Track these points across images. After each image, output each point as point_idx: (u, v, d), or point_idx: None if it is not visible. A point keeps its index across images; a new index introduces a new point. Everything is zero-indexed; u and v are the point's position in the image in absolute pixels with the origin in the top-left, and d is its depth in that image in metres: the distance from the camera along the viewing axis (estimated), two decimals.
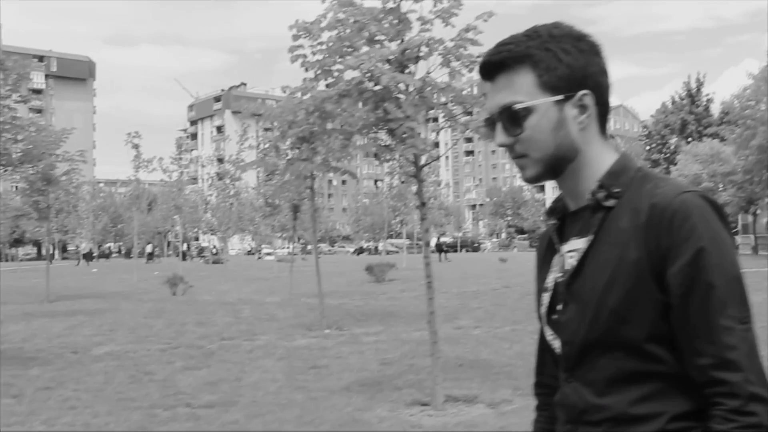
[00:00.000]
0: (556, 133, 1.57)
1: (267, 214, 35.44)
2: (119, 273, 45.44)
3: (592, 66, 1.59)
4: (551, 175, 1.63)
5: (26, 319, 17.98)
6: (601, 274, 1.53)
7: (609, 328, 1.51)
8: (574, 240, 1.63)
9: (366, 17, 7.35)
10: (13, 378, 10.19)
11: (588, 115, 1.58)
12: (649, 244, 1.47)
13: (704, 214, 1.47)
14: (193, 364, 11.03)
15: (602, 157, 1.62)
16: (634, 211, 1.51)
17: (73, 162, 24.06)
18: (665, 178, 1.57)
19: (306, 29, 14.34)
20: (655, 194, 1.50)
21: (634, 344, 1.49)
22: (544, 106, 1.56)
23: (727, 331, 1.42)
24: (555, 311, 1.66)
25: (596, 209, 1.58)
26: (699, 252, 1.44)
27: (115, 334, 14.78)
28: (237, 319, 17.07)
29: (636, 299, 1.48)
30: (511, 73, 1.58)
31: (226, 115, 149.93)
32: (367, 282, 28.63)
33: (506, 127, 1.59)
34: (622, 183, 1.57)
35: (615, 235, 1.53)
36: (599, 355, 1.54)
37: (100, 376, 10.20)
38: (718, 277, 1.44)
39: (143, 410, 8.11)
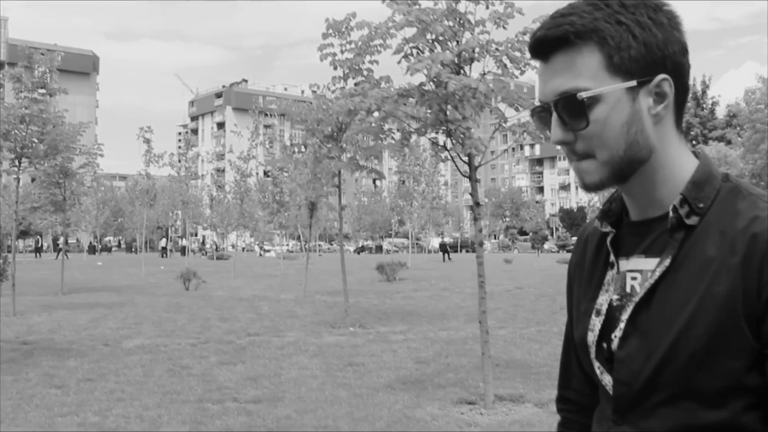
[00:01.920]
0: (628, 129, 1.29)
1: (274, 211, 35.53)
2: (125, 267, 45.45)
3: (672, 43, 1.30)
4: (619, 180, 1.35)
5: (47, 311, 18.06)
6: (678, 308, 1.28)
7: (682, 374, 1.26)
8: (638, 258, 1.38)
9: (430, 18, 7.41)
10: (52, 369, 10.28)
11: (666, 105, 1.31)
12: (747, 282, 1.22)
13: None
14: (227, 359, 11.11)
15: (681, 159, 1.35)
16: (723, 236, 1.27)
17: (90, 155, 24.21)
18: (763, 196, 1.29)
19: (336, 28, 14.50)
20: (757, 220, 1.25)
21: (707, 396, 1.25)
22: (615, 95, 1.28)
23: None
24: (608, 341, 1.39)
25: (676, 228, 1.32)
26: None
27: (140, 327, 14.85)
28: (258, 315, 17.14)
29: (721, 345, 1.23)
30: (573, 52, 1.29)
31: (227, 111, 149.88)
32: (378, 281, 28.71)
33: (565, 120, 1.31)
34: (706, 196, 1.31)
35: (699, 262, 1.28)
36: (662, 404, 1.30)
37: (138, 369, 10.28)
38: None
39: (191, 404, 8.20)
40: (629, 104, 1.28)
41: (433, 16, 7.42)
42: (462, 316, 16.63)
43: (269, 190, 35.74)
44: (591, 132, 1.29)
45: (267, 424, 7.28)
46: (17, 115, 16.71)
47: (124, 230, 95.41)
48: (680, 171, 1.34)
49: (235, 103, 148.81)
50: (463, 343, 12.41)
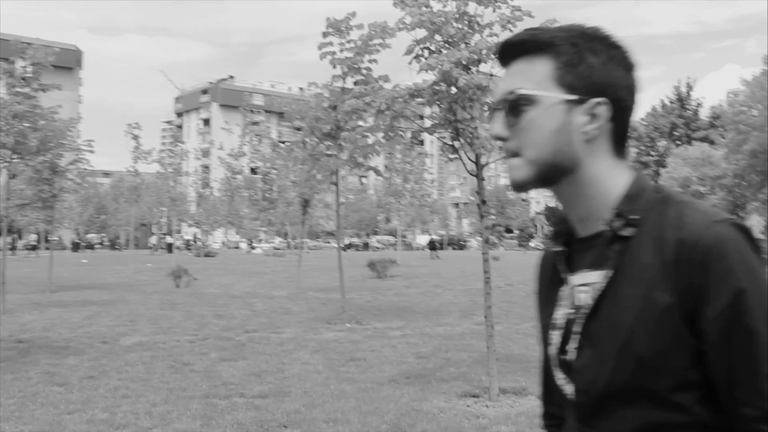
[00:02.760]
0: (556, 136, 1.39)
1: (263, 208, 35.48)
2: (110, 264, 45.30)
3: (616, 77, 1.40)
4: (543, 182, 1.44)
5: (38, 309, 17.97)
6: (622, 317, 1.35)
7: (633, 378, 1.34)
8: (585, 272, 1.45)
9: (441, 21, 7.45)
10: (52, 367, 10.25)
11: (598, 126, 1.39)
12: (680, 285, 1.30)
13: (740, 248, 1.31)
14: (228, 355, 11.12)
15: (611, 176, 1.43)
16: (657, 243, 1.34)
17: (80, 152, 24.07)
18: (689, 203, 1.37)
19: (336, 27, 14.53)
20: (684, 226, 1.33)
21: (660, 394, 1.33)
22: (550, 101, 1.38)
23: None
24: (566, 353, 1.47)
25: (613, 240, 1.39)
26: (738, 294, 1.28)
27: (136, 324, 14.82)
28: (253, 312, 17.15)
29: (665, 346, 1.31)
30: (529, 60, 1.42)
31: (213, 107, 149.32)
32: (369, 278, 28.78)
33: (506, 116, 1.42)
34: (639, 208, 1.39)
35: (637, 271, 1.35)
36: (620, 406, 1.37)
37: (140, 366, 10.27)
38: (761, 320, 1.29)
39: (198, 400, 8.22)
40: (562, 115, 1.38)
41: (444, 18, 7.47)
42: (456, 312, 16.71)
43: (259, 187, 35.71)
44: (522, 130, 1.40)
45: (277, 418, 7.31)
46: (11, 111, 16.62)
47: (107, 227, 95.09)
48: (613, 187, 1.42)
49: (221, 100, 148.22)
50: (460, 339, 12.48)
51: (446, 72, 7.13)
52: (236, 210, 43.32)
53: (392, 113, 8.01)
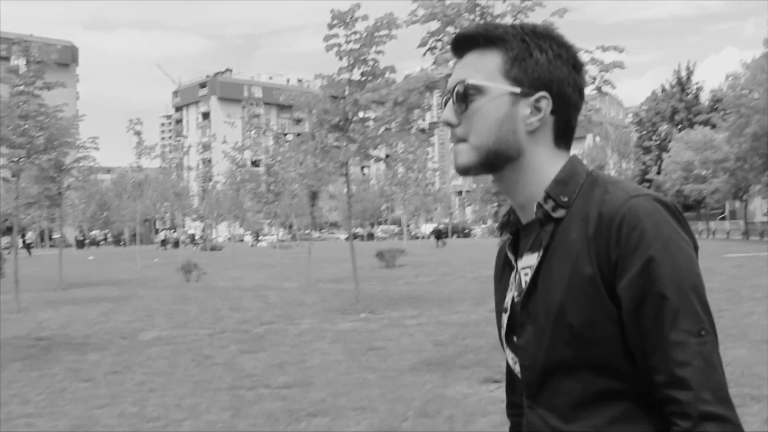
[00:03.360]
0: (501, 125, 1.47)
1: (268, 201, 35.57)
2: (118, 260, 45.46)
3: (563, 75, 1.48)
4: (486, 168, 1.51)
5: (52, 307, 18.13)
6: (554, 292, 1.42)
7: (568, 350, 1.40)
8: (527, 256, 1.53)
9: (454, 13, 7.54)
10: (75, 363, 10.38)
11: (540, 118, 1.47)
12: (599, 257, 1.37)
13: (655, 219, 1.36)
14: (247, 347, 11.25)
15: (549, 164, 1.50)
16: (583, 221, 1.41)
17: (85, 149, 24.16)
18: (616, 182, 1.45)
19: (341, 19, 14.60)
20: (604, 201, 1.40)
21: (596, 364, 1.39)
22: (496, 92, 1.46)
23: (678, 346, 1.32)
24: (515, 333, 1.54)
25: (545, 221, 1.47)
26: (648, 262, 1.33)
27: (153, 319, 14.96)
28: (267, 304, 17.29)
29: (593, 317, 1.37)
30: (481, 53, 1.50)
31: (212, 101, 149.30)
32: (378, 268, 28.90)
33: (456, 104, 1.50)
34: (570, 191, 1.46)
35: (566, 247, 1.42)
36: (561, 379, 1.43)
37: (162, 361, 10.40)
38: (670, 287, 1.33)
39: (225, 392, 8.34)
40: (508, 106, 1.46)
41: (457, 10, 7.55)
42: (469, 300, 16.82)
43: (264, 180, 35.79)
44: (469, 117, 1.48)
45: (305, 408, 7.43)
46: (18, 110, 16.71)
47: (110, 224, 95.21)
48: (549, 174, 1.49)
49: (219, 93, 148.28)
50: (476, 326, 12.59)
51: None
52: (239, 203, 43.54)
53: (408, 105, 8.09)
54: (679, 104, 72.62)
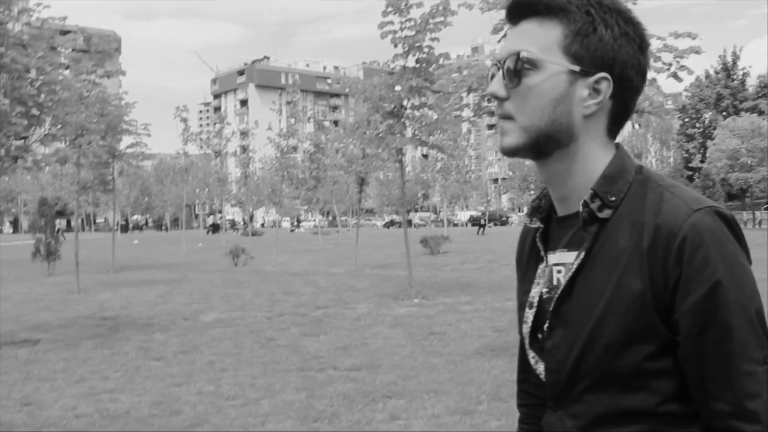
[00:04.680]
0: (555, 105, 1.34)
1: (311, 187, 35.91)
2: (162, 245, 46.10)
3: (628, 55, 1.35)
4: (534, 152, 1.39)
5: (109, 288, 18.59)
6: (594, 299, 1.33)
7: (601, 361, 1.33)
8: (562, 252, 1.42)
9: None
10: (144, 343, 10.71)
11: (599, 101, 1.35)
12: (654, 273, 1.28)
13: (719, 238, 1.27)
14: (308, 330, 11.50)
15: (599, 155, 1.39)
16: (634, 227, 1.31)
17: (138, 135, 24.58)
18: (671, 187, 1.34)
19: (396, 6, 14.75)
20: (661, 212, 1.29)
21: (628, 380, 1.32)
22: (554, 68, 1.34)
23: (748, 377, 1.25)
24: (541, 331, 1.45)
25: (589, 221, 1.36)
26: (715, 287, 1.25)
27: (210, 302, 15.31)
28: (319, 288, 17.58)
29: (635, 333, 1.29)
30: (539, 22, 1.36)
31: (250, 88, 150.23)
32: (422, 254, 29.07)
33: (506, 77, 1.37)
34: (618, 189, 1.36)
35: (612, 254, 1.33)
36: (587, 390, 1.36)
37: (227, 342, 10.69)
38: (737, 315, 1.25)
39: (295, 372, 8.58)
40: (565, 85, 1.34)
41: None
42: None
43: (306, 166, 36.13)
44: (521, 94, 1.35)
45: (378, 390, 7.64)
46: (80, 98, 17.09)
47: (151, 208, 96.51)
48: (598, 166, 1.38)
49: (257, 80, 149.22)
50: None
51: None
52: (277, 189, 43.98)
53: (483, 91, 8.22)
54: (724, 90, 71.59)
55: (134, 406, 7.28)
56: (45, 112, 11.11)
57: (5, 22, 10.60)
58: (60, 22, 11.59)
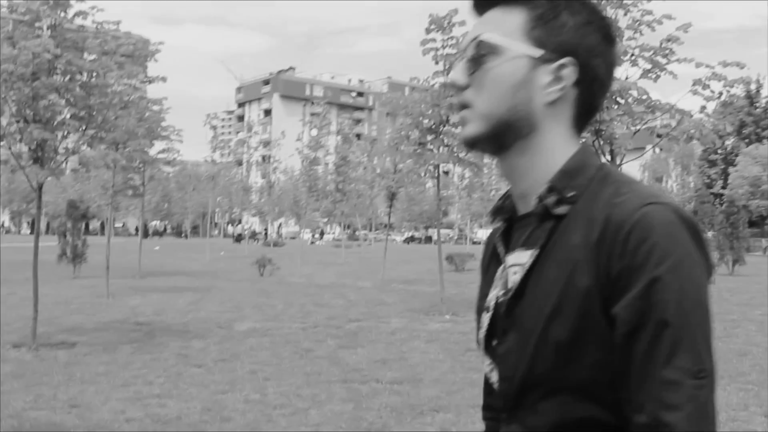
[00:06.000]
0: (515, 91, 1.28)
1: (337, 200, 35.97)
2: (184, 251, 46.29)
3: (592, 43, 1.30)
4: (494, 143, 1.32)
5: (138, 294, 18.73)
6: (545, 299, 1.24)
7: (553, 367, 1.23)
8: (519, 251, 1.32)
9: None
10: (183, 349, 10.79)
11: (561, 88, 1.29)
12: (600, 268, 1.18)
13: (670, 232, 1.17)
14: (344, 343, 11.54)
15: (561, 148, 1.31)
16: (588, 223, 1.22)
17: (170, 141, 24.77)
18: (630, 182, 1.26)
19: (438, 24, 14.86)
20: (614, 204, 1.21)
21: (579, 388, 1.22)
22: (514, 53, 1.28)
23: (671, 386, 1.13)
24: (493, 337, 1.36)
25: (545, 217, 1.28)
26: (653, 282, 1.14)
27: (242, 311, 15.38)
28: (349, 302, 17.64)
29: (583, 336, 1.20)
30: (503, 10, 1.32)
31: (274, 98, 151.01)
32: (447, 271, 29.05)
33: (468, 64, 1.32)
34: (577, 185, 1.27)
35: (565, 251, 1.24)
36: (541, 398, 1.26)
37: (265, 352, 10.74)
38: (674, 316, 1.14)
39: (338, 384, 8.62)
40: (525, 70, 1.28)
41: None
42: None
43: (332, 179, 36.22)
44: (480, 79, 1.30)
45: (423, 403, 7.67)
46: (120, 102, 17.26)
47: (170, 215, 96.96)
48: (558, 161, 1.31)
49: (282, 91, 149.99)
50: None
51: None
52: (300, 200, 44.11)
53: None
54: (747, 118, 71.51)
55: (184, 411, 7.34)
56: (94, 115, 11.24)
57: (62, 24, 10.77)
58: (114, 26, 11.73)
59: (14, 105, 10.66)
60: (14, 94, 10.58)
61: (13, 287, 19.69)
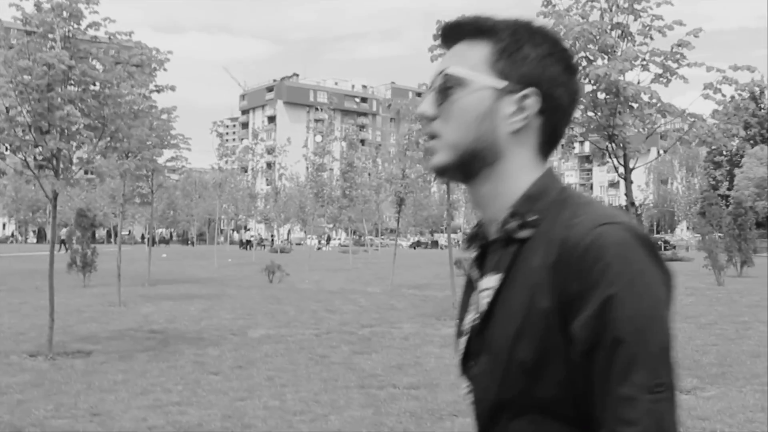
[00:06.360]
0: (480, 122, 1.34)
1: (343, 206, 36.06)
2: (191, 259, 46.36)
3: (554, 74, 1.36)
4: (462, 171, 1.38)
5: (149, 302, 18.80)
6: (510, 321, 1.28)
7: (518, 388, 1.27)
8: (489, 276, 1.36)
9: (595, 30, 7.79)
10: (198, 357, 10.84)
11: (525, 117, 1.34)
12: (558, 289, 1.22)
13: (623, 251, 1.20)
14: (359, 348, 11.60)
15: (525, 175, 1.36)
16: (547, 246, 1.26)
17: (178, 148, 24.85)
18: (588, 204, 1.30)
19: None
20: (570, 226, 1.25)
21: (546, 408, 1.26)
22: (479, 85, 1.34)
23: (626, 401, 1.16)
24: (469, 360, 1.40)
25: (509, 241, 1.33)
26: (608, 300, 1.18)
27: (254, 318, 15.44)
28: (360, 307, 17.69)
29: (547, 354, 1.24)
30: (469, 44, 1.38)
31: (278, 105, 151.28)
32: (456, 275, 29.11)
33: (436, 96, 1.37)
34: (539, 209, 1.32)
35: (527, 274, 1.28)
36: (511, 419, 1.30)
37: (281, 358, 10.80)
38: (628, 333, 1.17)
39: (355, 390, 8.67)
40: (489, 101, 1.34)
41: (601, 28, 7.81)
42: None
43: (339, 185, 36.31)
44: (447, 111, 1.35)
45: (441, 408, 7.72)
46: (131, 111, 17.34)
47: (176, 223, 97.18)
48: (522, 187, 1.35)
49: (286, 97, 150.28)
50: None
51: (612, 81, 7.46)
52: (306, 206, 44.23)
53: None
54: (751, 119, 71.46)
55: (204, 419, 7.40)
56: (107, 125, 11.32)
57: (76, 36, 10.86)
58: (126, 37, 11.81)
59: (29, 116, 10.75)
60: (29, 105, 10.67)
61: (23, 296, 19.84)
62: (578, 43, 7.87)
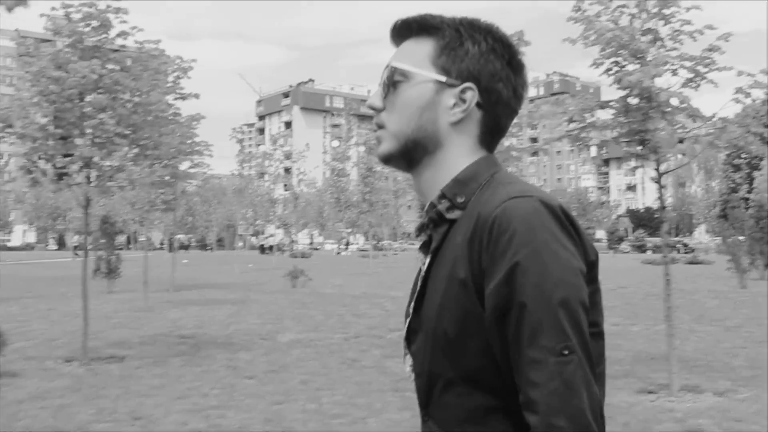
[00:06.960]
0: (421, 113, 1.42)
1: (363, 210, 36.19)
2: (213, 264, 46.58)
3: (494, 69, 1.43)
4: (405, 159, 1.46)
5: (176, 307, 18.94)
6: (436, 296, 1.35)
7: (445, 360, 1.32)
8: (427, 258, 1.44)
9: (626, 35, 7.84)
10: (231, 361, 10.96)
11: (464, 109, 1.41)
12: (472, 261, 1.29)
13: (530, 221, 1.25)
14: (389, 352, 11.67)
15: (463, 162, 1.42)
16: (467, 222, 1.34)
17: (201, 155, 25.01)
18: (508, 182, 1.36)
19: None
20: (486, 202, 1.32)
21: (470, 378, 1.31)
22: (421, 78, 1.43)
23: (534, 364, 1.21)
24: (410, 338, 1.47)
25: (438, 222, 1.40)
26: (513, 268, 1.23)
27: (282, 323, 15.56)
28: (386, 311, 17.76)
29: (465, 326, 1.29)
30: (415, 41, 1.47)
31: (294, 110, 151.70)
32: None
33: (383, 89, 1.47)
34: (469, 191, 1.39)
35: (450, 250, 1.35)
36: (444, 391, 1.35)
37: (312, 362, 10.90)
38: (533, 298, 1.22)
39: (390, 393, 8.74)
40: (431, 94, 1.42)
41: (632, 33, 7.86)
42: None
43: (359, 190, 36.46)
44: (393, 103, 1.45)
45: None
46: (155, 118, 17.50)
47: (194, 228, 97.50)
48: (456, 171, 1.42)
49: (302, 103, 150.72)
50: (611, 338, 12.78)
51: (645, 87, 7.52)
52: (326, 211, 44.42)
53: (581, 122, 8.41)
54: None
55: (245, 422, 7.51)
56: (138, 133, 11.47)
57: (105, 44, 11.02)
58: (154, 45, 11.96)
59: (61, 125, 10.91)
60: (61, 115, 10.84)
61: (51, 303, 20.07)
62: (609, 49, 7.92)
